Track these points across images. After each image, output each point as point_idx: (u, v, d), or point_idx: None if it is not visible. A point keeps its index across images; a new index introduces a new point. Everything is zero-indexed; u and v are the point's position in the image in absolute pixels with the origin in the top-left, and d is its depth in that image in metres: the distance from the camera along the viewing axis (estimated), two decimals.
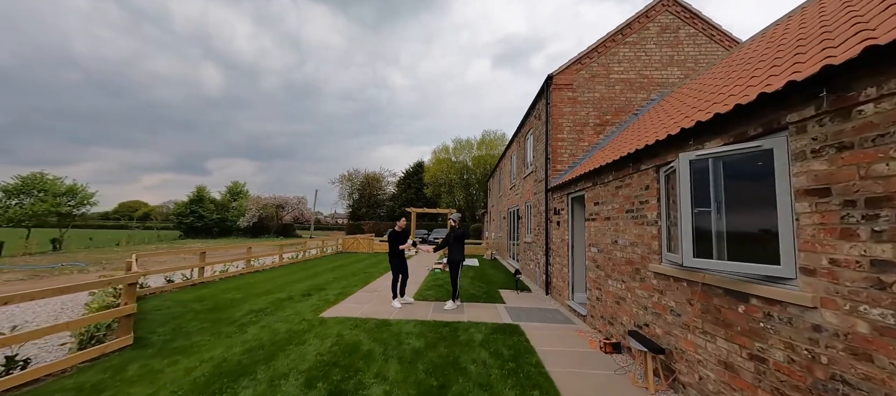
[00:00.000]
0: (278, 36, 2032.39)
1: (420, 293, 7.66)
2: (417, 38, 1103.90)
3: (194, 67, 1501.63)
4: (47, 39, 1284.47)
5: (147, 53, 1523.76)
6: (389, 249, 6.71)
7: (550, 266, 7.88)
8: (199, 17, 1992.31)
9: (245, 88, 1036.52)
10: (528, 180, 10.68)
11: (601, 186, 5.22)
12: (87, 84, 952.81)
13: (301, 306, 6.34)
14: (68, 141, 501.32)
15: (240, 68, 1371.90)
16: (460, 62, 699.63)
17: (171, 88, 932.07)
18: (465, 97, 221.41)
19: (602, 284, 5.09)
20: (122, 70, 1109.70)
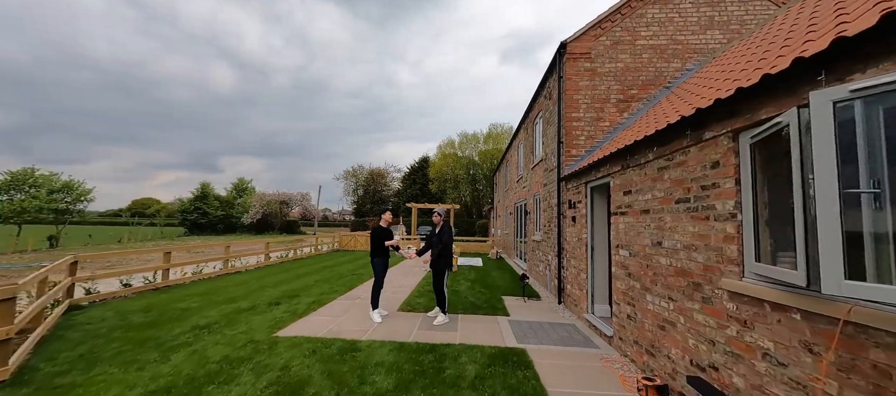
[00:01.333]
0: (287, 34, 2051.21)
1: (409, 302, 6.48)
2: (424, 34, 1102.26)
3: (206, 66, 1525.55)
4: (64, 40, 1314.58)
5: (160, 52, 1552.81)
6: (371, 248, 5.55)
7: (564, 270, 6.61)
8: (210, 17, 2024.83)
9: (256, 86, 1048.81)
10: (536, 170, 9.39)
11: (635, 169, 3.94)
12: (102, 84, 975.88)
13: (259, 319, 5.22)
14: (85, 140, 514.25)
15: (250, 67, 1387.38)
16: (467, 58, 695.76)
17: (184, 87, 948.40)
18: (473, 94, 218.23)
19: (636, 299, 3.83)
20: (136, 70, 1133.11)
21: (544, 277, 8.14)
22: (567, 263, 6.43)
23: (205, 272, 9.33)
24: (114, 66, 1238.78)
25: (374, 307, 5.41)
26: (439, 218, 5.54)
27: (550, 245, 7.63)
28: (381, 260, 5.52)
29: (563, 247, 6.67)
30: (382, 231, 5.56)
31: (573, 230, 6.14)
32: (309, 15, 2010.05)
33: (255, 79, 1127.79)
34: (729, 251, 2.51)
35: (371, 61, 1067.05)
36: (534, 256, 9.57)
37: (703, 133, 2.80)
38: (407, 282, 8.60)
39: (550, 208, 7.76)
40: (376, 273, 5.48)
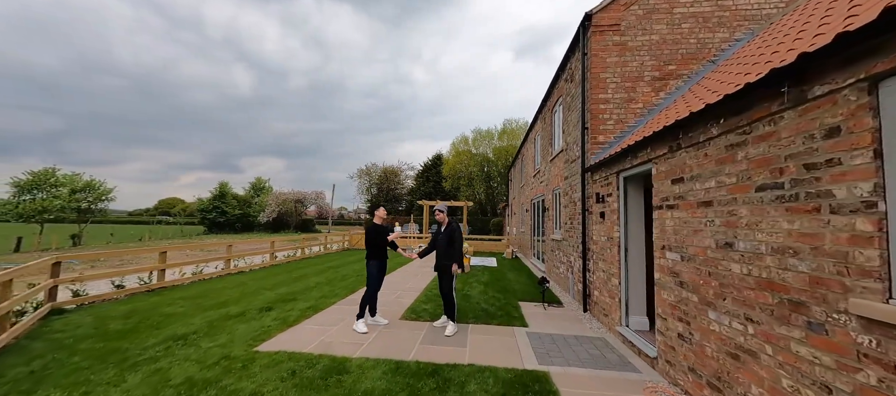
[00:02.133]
0: (304, 36, 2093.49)
1: (414, 309, 5.80)
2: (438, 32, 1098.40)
3: (226, 69, 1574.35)
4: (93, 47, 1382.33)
5: (183, 57, 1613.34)
6: (367, 250, 4.89)
7: (590, 274, 5.78)
8: (230, 22, 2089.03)
9: (273, 88, 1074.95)
10: (555, 162, 8.54)
11: (690, 149, 3.11)
12: (129, 89, 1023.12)
13: (244, 329, 4.65)
14: (116, 143, 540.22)
15: (268, 69, 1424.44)
16: (481, 55, 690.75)
17: (206, 90, 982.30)
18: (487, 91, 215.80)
19: (692, 315, 3.01)
20: (161, 75, 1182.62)
21: (565, 280, 7.31)
22: (594, 266, 5.59)
23: (205, 272, 8.95)
24: (139, 71, 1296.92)
25: (359, 316, 4.76)
26: (442, 215, 4.85)
27: (573, 245, 6.80)
28: (378, 263, 4.85)
29: (589, 247, 5.84)
30: (378, 230, 4.89)
31: (601, 228, 5.30)
32: (324, 16, 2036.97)
33: (273, 81, 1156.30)
34: (863, 257, 1.69)
35: (385, 61, 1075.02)
36: (553, 256, 8.74)
37: (809, 88, 1.97)
38: (414, 285, 7.94)
39: (573, 204, 6.92)
40: (370, 279, 4.81)
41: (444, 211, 4.88)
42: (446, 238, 4.71)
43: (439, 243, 4.78)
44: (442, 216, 4.85)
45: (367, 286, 4.81)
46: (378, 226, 4.92)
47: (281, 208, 46.01)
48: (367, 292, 4.79)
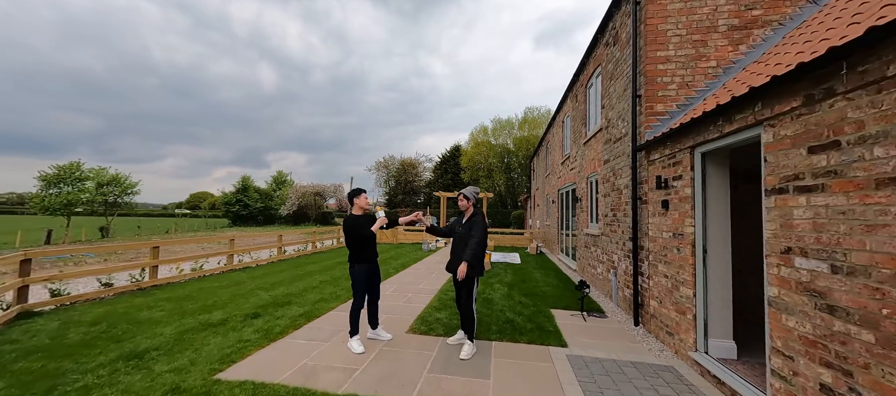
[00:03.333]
0: (325, 32, 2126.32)
1: (424, 318, 4.83)
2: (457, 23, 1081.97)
3: (252, 67, 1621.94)
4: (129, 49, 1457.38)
5: (211, 56, 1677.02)
6: (348, 244, 3.87)
7: (644, 279, 4.61)
8: (255, 20, 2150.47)
9: (296, 84, 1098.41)
10: (592, 145, 7.30)
11: (856, 95, 1.92)
12: (162, 88, 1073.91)
13: (217, 343, 3.83)
14: (153, 141, 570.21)
15: (291, 65, 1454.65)
16: (501, 45, 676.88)
17: (233, 87, 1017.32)
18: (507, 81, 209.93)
19: (859, 362, 1.86)
20: (192, 74, 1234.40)
21: (604, 282, 6.14)
22: (650, 269, 4.42)
23: (206, 268, 8.36)
24: (170, 70, 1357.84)
25: (351, 333, 3.80)
26: (466, 202, 3.80)
27: (617, 242, 5.62)
28: (366, 268, 3.84)
29: (643, 246, 4.66)
30: (358, 222, 3.85)
31: (663, 222, 4.12)
32: (344, 12, 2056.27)
33: (295, 77, 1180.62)
34: None
35: (404, 54, 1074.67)
36: (588, 254, 7.55)
37: None
38: (427, 286, 6.98)
39: (616, 192, 5.72)
40: (356, 288, 3.82)
41: (471, 198, 3.79)
42: (468, 231, 3.63)
43: (458, 236, 3.75)
44: (465, 203, 3.80)
45: (353, 297, 3.85)
46: (357, 217, 3.89)
47: (301, 201, 46.39)
48: (353, 304, 3.82)
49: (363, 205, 3.96)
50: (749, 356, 3.42)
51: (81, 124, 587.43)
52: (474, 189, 3.87)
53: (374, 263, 3.97)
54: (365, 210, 3.99)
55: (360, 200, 3.94)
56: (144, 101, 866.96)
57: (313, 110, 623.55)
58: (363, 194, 3.96)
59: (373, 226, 3.82)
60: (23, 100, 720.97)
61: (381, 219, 3.92)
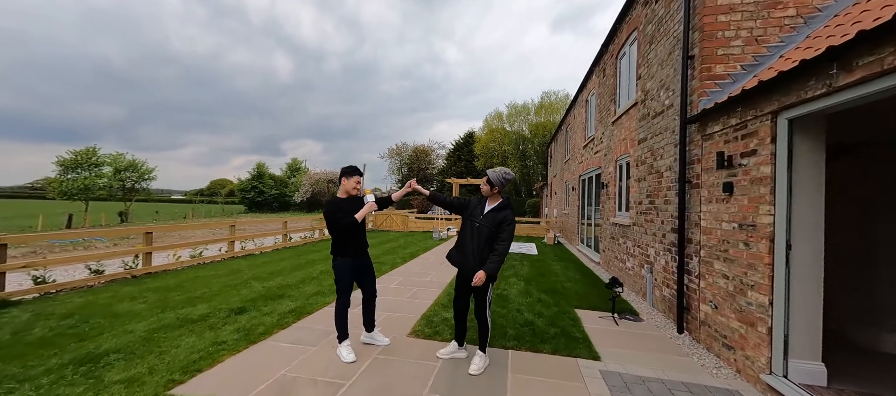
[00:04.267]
0: (338, 18, 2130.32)
1: (429, 318, 4.21)
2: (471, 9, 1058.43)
3: (267, 56, 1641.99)
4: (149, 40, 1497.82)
5: (229, 46, 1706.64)
6: (331, 231, 3.18)
7: (692, 277, 3.84)
8: (270, 8, 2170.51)
9: (310, 72, 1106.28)
10: (623, 123, 6.42)
11: None
12: (183, 78, 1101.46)
13: (187, 346, 3.32)
14: (174, 129, 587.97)
15: (305, 53, 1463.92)
16: (516, 30, 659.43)
17: (250, 77, 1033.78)
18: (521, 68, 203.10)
19: None
20: (210, 63, 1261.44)
21: (636, 279, 5.37)
22: (703, 267, 3.64)
23: (206, 255, 8.00)
24: (191, 60, 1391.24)
25: (339, 338, 3.20)
26: (489, 188, 3.02)
27: (654, 233, 4.83)
28: (351, 263, 3.19)
29: (691, 238, 3.87)
30: (339, 207, 3.15)
31: (723, 209, 3.33)
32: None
33: (310, 65, 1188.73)
34: None
35: (418, 41, 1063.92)
36: (614, 246, 6.77)
37: None
38: (435, 278, 6.37)
39: (654, 175, 4.90)
40: (338, 286, 3.20)
41: (496, 183, 2.96)
42: (490, 227, 2.88)
43: (472, 228, 2.96)
44: (487, 189, 3.02)
45: (337, 297, 3.22)
46: (339, 202, 3.19)
47: (314, 187, 46.55)
48: (337, 304, 3.21)
49: (349, 189, 3.21)
50: (842, 381, 2.66)
51: (106, 113, 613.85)
52: (504, 172, 2.99)
53: (364, 256, 3.32)
54: (353, 193, 3.24)
55: (348, 182, 3.21)
56: (166, 91, 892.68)
57: (328, 99, 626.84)
58: (355, 176, 3.22)
59: (358, 212, 3.13)
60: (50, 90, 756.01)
61: (369, 204, 3.20)
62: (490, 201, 3.03)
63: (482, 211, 3.00)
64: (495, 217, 2.89)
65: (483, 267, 2.78)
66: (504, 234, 2.82)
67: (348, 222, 3.07)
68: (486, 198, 3.08)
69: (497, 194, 3.01)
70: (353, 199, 3.25)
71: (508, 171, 2.98)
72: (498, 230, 2.84)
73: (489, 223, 2.89)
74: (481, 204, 3.06)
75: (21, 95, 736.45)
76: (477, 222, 2.96)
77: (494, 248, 2.84)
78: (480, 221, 2.95)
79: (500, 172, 2.97)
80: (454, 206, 3.24)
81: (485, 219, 2.94)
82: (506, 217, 2.87)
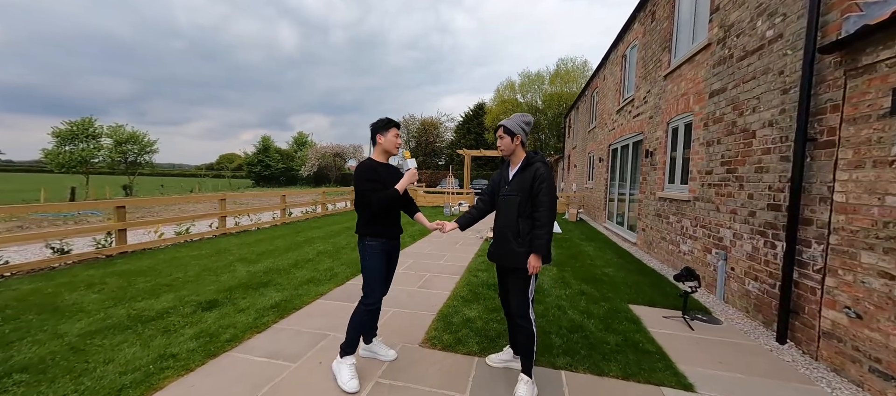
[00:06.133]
0: None
1: (446, 318, 3.29)
2: None
3: (271, 26, 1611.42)
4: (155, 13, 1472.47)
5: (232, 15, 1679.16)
6: (357, 206, 2.34)
7: (810, 271, 2.79)
8: None
9: (316, 44, 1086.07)
10: (684, 73, 5.17)
11: None
12: (190, 51, 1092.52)
13: (126, 358, 2.46)
14: (183, 103, 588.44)
15: (311, 25, 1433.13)
16: None
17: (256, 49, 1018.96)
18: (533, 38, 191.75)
19: None
20: (214, 35, 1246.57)
21: (697, 266, 4.33)
22: (835, 258, 2.58)
23: (194, 231, 7.20)
24: (195, 32, 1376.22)
25: (344, 352, 2.26)
26: (507, 140, 2.23)
27: (735, 210, 3.75)
28: (383, 244, 2.32)
29: (811, 217, 2.80)
30: (376, 173, 2.30)
31: (885, 177, 2.24)
32: None
33: (316, 37, 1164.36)
34: None
35: (425, 9, 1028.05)
36: (660, 225, 5.71)
37: None
38: (449, 262, 5.45)
39: (738, 134, 3.77)
40: (368, 275, 2.29)
41: (517, 132, 2.20)
42: (520, 192, 2.13)
43: (502, 203, 2.23)
44: (507, 142, 2.23)
45: (364, 294, 2.30)
46: (376, 165, 2.34)
47: (321, 161, 45.81)
48: (362, 304, 2.28)
49: (390, 147, 2.38)
50: None
51: (115, 87, 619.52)
52: (521, 116, 2.25)
53: (395, 241, 2.44)
54: (390, 153, 2.43)
55: (386, 139, 2.36)
56: (173, 64, 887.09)
57: (335, 72, 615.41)
58: (393, 128, 2.38)
59: (399, 183, 2.33)
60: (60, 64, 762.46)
61: (411, 172, 2.40)
62: (513, 162, 2.29)
63: (506, 180, 2.28)
64: (524, 177, 2.16)
65: (532, 249, 2.05)
66: (541, 195, 2.08)
67: (389, 196, 2.25)
68: (508, 161, 2.31)
69: (520, 148, 2.25)
70: (391, 166, 2.44)
71: (526, 114, 2.29)
72: (531, 193, 2.11)
73: (518, 188, 2.16)
74: (503, 171, 2.36)
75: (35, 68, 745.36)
76: (504, 194, 2.22)
77: (534, 218, 2.08)
78: (507, 190, 2.22)
79: (516, 117, 2.27)
80: (487, 201, 2.43)
81: (512, 185, 2.21)
82: (538, 173, 2.11)
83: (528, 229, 2.09)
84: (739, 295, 3.70)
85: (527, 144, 2.26)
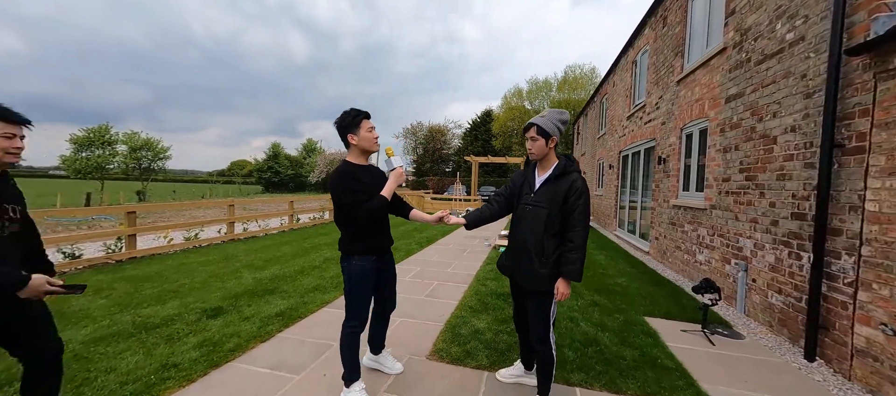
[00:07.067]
0: None
1: (455, 329, 3.20)
2: None
3: (284, 36, 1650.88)
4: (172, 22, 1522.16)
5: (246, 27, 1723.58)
6: (337, 220, 2.12)
7: (840, 284, 2.63)
8: None
9: (326, 53, 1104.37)
10: (698, 79, 5.05)
11: None
12: (204, 60, 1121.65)
13: (126, 369, 2.42)
14: (197, 111, 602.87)
15: (321, 34, 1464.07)
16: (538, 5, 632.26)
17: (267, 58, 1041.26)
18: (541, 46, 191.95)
19: None
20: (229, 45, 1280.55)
21: (716, 276, 4.16)
22: (870, 271, 2.42)
23: (203, 237, 7.25)
24: (210, 42, 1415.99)
25: (347, 380, 2.08)
26: (540, 142, 1.90)
27: (756, 219, 3.59)
28: (369, 264, 2.07)
29: (840, 228, 2.65)
30: (355, 178, 2.00)
31: None
32: None
33: (326, 45, 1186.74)
34: None
35: (434, 19, 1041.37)
36: (675, 234, 5.53)
37: None
38: (457, 269, 5.35)
39: (758, 140, 3.62)
40: (352, 296, 2.07)
41: (553, 132, 1.90)
42: (549, 205, 1.86)
43: (523, 213, 1.95)
44: (540, 145, 1.90)
45: (347, 315, 2.09)
46: (354, 169, 2.02)
47: (329, 168, 46.21)
48: (346, 328, 2.07)
49: (367, 145, 2.04)
50: None
51: (131, 95, 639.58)
52: (558, 114, 1.96)
53: (387, 255, 2.23)
54: (370, 155, 2.12)
55: (359, 136, 2.01)
56: (188, 72, 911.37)
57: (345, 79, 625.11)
58: (364, 120, 2.02)
59: (384, 188, 2.03)
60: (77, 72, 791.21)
61: (397, 172, 2.08)
62: (541, 167, 1.99)
63: (531, 186, 1.98)
64: (556, 188, 1.87)
65: (563, 274, 1.81)
66: (576, 213, 1.82)
67: (376, 206, 1.96)
68: (535, 163, 2.01)
69: (551, 152, 1.94)
70: (372, 167, 2.16)
71: (562, 111, 1.97)
72: (565, 208, 1.84)
73: (547, 200, 1.88)
74: (529, 175, 2.03)
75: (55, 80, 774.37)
76: (528, 203, 1.94)
77: (567, 239, 1.83)
78: (533, 199, 1.93)
79: (551, 115, 1.94)
80: (502, 203, 2.12)
81: (539, 195, 1.92)
82: (575, 186, 1.84)
83: (554, 247, 1.84)
84: (762, 308, 3.53)
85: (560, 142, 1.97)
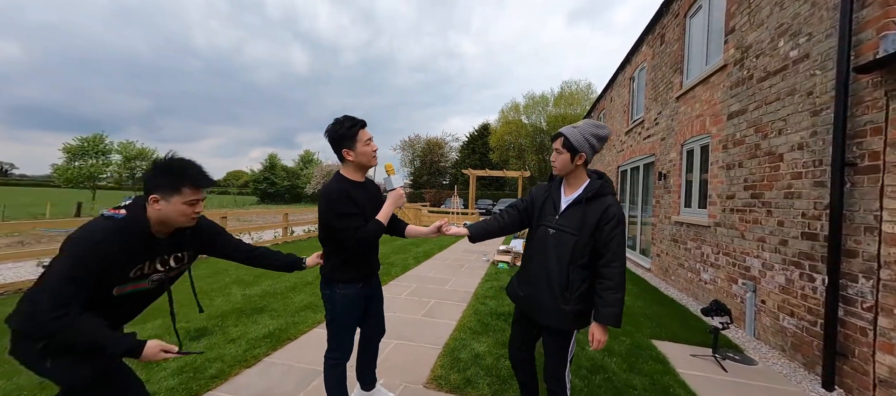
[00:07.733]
0: (354, 12, 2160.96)
1: (455, 355, 3.02)
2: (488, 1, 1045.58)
3: (285, 49, 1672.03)
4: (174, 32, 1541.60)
5: (248, 39, 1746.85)
6: (322, 240, 1.86)
7: (858, 308, 2.50)
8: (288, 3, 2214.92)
9: (326, 65, 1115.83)
10: (698, 95, 5.03)
11: None
12: (205, 71, 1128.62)
13: None
14: (197, 121, 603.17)
15: (322, 47, 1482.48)
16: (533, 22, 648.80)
17: (268, 69, 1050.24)
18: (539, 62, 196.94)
19: None
20: (230, 57, 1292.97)
21: (722, 296, 4.03)
22: (891, 296, 2.32)
23: None
24: (211, 53, 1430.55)
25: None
26: (569, 157, 1.63)
27: (764, 238, 3.49)
28: (354, 293, 1.83)
29: (855, 249, 2.55)
30: (356, 198, 1.72)
31: None
32: None
33: (326, 58, 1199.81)
34: None
35: (434, 34, 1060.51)
36: (677, 251, 5.42)
37: None
38: (455, 286, 5.18)
39: (763, 158, 3.56)
40: (335, 326, 1.85)
41: (583, 147, 1.60)
42: (578, 231, 1.57)
43: (545, 238, 1.67)
44: (564, 160, 1.64)
45: (330, 347, 1.87)
46: (348, 187, 1.75)
47: (325, 179, 46.08)
48: (329, 359, 1.87)
49: (365, 160, 1.79)
50: None
51: (132, 105, 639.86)
52: (596, 129, 1.63)
53: (374, 279, 2.04)
54: (367, 170, 1.88)
55: (359, 148, 1.76)
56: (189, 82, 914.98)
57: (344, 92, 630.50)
58: (360, 129, 1.76)
59: (380, 212, 1.81)
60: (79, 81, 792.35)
61: (396, 193, 1.87)
62: (568, 185, 1.70)
63: (556, 206, 1.69)
64: (586, 213, 1.58)
65: (598, 318, 1.55)
66: (612, 244, 1.54)
67: (372, 233, 1.73)
68: (561, 179, 1.75)
69: (578, 170, 1.66)
70: (370, 184, 1.93)
71: (601, 125, 1.64)
72: (597, 237, 1.56)
73: (574, 225, 1.59)
74: (553, 192, 1.74)
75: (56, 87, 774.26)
76: (551, 226, 1.66)
77: (601, 274, 1.56)
78: (557, 222, 1.65)
79: (584, 127, 1.62)
80: (515, 217, 1.85)
81: (565, 218, 1.63)
82: (609, 212, 1.56)
83: (581, 281, 1.57)
84: (773, 331, 3.39)
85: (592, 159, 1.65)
